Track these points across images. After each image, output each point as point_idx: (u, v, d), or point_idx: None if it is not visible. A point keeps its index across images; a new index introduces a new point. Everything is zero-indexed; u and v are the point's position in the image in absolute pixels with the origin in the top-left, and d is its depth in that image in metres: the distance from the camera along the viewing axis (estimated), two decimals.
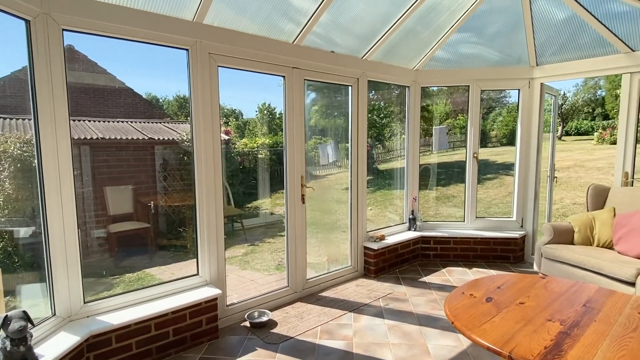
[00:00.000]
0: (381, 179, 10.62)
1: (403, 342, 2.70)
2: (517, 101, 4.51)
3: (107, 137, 5.44)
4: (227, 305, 3.01)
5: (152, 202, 5.87)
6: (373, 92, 9.84)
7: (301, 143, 3.41)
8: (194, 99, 2.73)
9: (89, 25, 2.26)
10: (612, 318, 1.48)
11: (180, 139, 6.29)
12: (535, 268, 3.79)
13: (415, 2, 3.46)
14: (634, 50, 3.61)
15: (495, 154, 16.68)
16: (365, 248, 4.07)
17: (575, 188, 9.20)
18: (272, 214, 7.74)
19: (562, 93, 25.67)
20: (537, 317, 1.48)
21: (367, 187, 4.17)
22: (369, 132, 4.12)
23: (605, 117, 25.95)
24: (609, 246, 3.46)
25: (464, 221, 4.66)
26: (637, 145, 3.78)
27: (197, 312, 2.66)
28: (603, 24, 3.58)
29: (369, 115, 4.16)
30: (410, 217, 4.62)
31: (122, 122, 6.51)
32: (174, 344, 2.58)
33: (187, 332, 2.64)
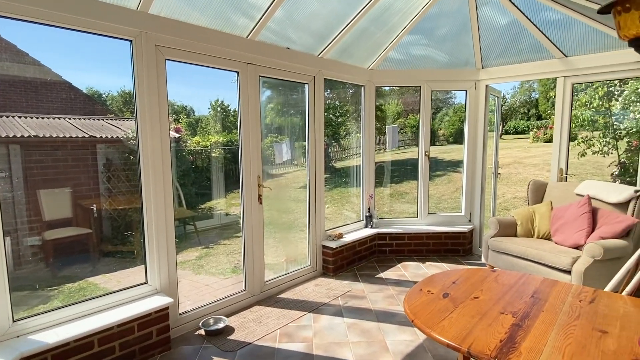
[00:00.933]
0: (337, 177, 10.72)
1: (362, 340, 2.71)
2: (464, 102, 4.73)
3: (41, 135, 4.95)
4: (179, 314, 2.85)
5: (94, 206, 5.43)
6: (329, 90, 9.89)
7: (257, 141, 3.31)
8: (140, 94, 2.54)
9: (11, 9, 2.00)
10: (557, 307, 1.56)
11: (125, 136, 5.88)
12: (483, 260, 4.01)
13: (370, 2, 3.49)
14: (567, 56, 3.92)
15: (443, 152, 17.52)
16: (324, 247, 4.06)
17: (515, 183, 9.90)
18: (227, 214, 7.51)
19: (502, 94, 27.56)
20: (491, 311, 1.52)
21: (324, 186, 4.16)
22: (325, 130, 4.10)
23: (539, 117, 28.22)
24: (548, 237, 3.74)
25: (417, 217, 4.81)
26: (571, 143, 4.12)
27: (146, 324, 2.49)
28: (540, 30, 3.85)
29: (325, 113, 4.15)
30: (367, 214, 4.69)
31: (59, 118, 5.95)
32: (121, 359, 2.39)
33: (136, 346, 2.46)
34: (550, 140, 19.00)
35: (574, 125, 7.91)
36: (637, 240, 3.19)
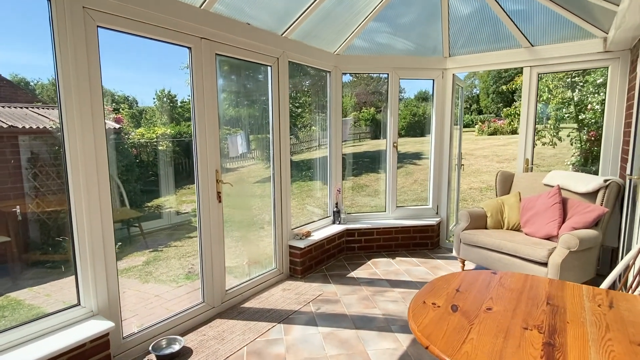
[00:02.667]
0: (296, 170, 10.38)
1: (342, 352, 2.43)
2: (431, 91, 4.59)
3: None
4: (123, 338, 2.37)
5: (17, 207, 4.62)
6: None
7: (215, 130, 2.87)
8: (63, 71, 2.01)
9: None
10: (580, 316, 1.37)
11: (55, 127, 5.09)
12: (454, 253, 3.90)
13: None
14: (533, 45, 3.89)
15: (399, 145, 17.81)
16: (291, 247, 3.72)
17: (469, 174, 10.18)
18: (178, 213, 6.88)
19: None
20: (513, 326, 1.28)
21: None
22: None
23: (480, 112, 29.80)
24: (517, 228, 3.70)
25: (385, 211, 4.63)
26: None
27: (80, 356, 2.00)
28: (509, 16, 3.77)
29: None
30: (335, 210, 4.41)
31: None
32: None
33: None
34: (494, 133, 20.09)
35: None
36: (605, 230, 3.22)
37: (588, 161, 4.17)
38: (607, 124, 3.65)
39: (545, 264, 3.01)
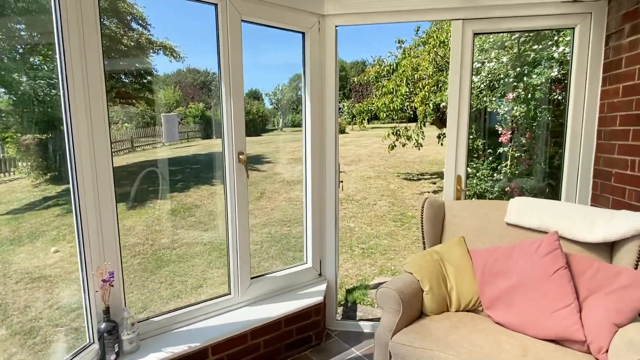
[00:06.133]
0: None
1: None
2: (301, 57, 2.50)
3: None
4: None
5: None
6: None
7: None
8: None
9: None
10: None
11: None
12: None
13: None
14: None
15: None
16: None
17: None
18: None
19: (279, 87, 27.86)
20: None
21: None
22: None
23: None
24: (474, 308, 2.01)
25: (230, 293, 2.29)
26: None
27: None
28: None
29: None
30: (104, 324, 1.80)
31: None
32: None
33: None
34: (343, 131, 20.12)
35: (383, 114, 7.23)
36: None
37: (528, 174, 3.01)
38: (574, 117, 2.32)
39: None
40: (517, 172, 3.02)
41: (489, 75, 3.14)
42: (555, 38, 2.76)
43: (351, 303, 3.31)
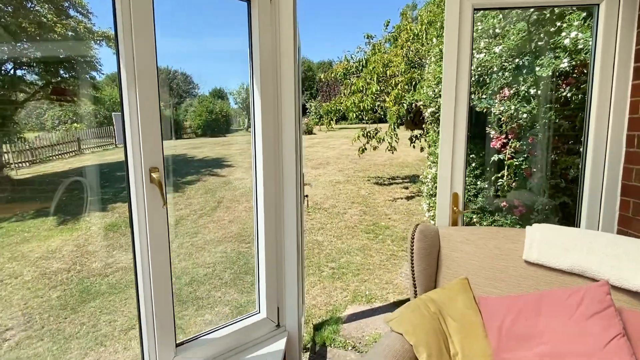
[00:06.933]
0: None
1: None
2: (248, 33, 1.83)
3: None
4: None
5: None
6: None
7: None
8: None
9: None
10: None
11: None
12: None
13: None
14: None
15: (193, 147, 14.54)
16: None
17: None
18: None
19: (244, 86, 26.82)
20: None
21: None
22: None
23: None
24: None
25: None
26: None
27: None
28: None
29: None
30: None
31: None
32: None
33: None
34: (310, 132, 19.44)
35: (352, 114, 6.66)
36: None
37: (525, 188, 2.51)
38: (597, 118, 1.83)
39: None
40: (514, 184, 2.54)
41: (478, 69, 2.65)
42: (558, 24, 2.30)
43: (320, 346, 2.69)
